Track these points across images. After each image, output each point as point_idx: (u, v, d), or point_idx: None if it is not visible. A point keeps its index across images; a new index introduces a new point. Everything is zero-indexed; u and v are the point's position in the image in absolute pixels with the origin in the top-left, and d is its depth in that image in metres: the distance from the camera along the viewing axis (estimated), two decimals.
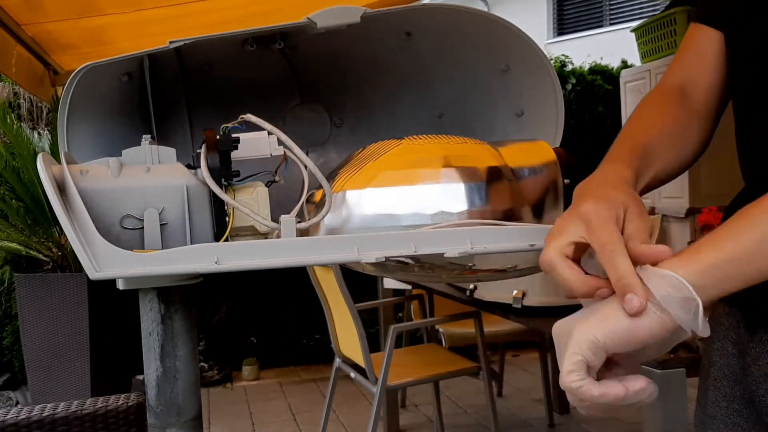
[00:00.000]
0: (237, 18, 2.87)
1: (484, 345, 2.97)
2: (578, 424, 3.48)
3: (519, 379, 4.22)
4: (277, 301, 4.74)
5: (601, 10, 10.96)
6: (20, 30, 2.59)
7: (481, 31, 1.09)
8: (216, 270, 0.74)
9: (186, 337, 0.85)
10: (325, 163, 1.21)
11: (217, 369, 4.55)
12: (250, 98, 1.17)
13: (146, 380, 0.86)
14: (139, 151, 0.84)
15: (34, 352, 3.91)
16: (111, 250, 0.72)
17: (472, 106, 1.19)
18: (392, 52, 1.15)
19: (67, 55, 3.08)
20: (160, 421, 0.84)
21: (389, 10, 1.01)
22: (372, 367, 2.71)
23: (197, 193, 0.82)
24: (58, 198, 0.74)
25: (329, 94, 1.22)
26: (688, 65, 0.95)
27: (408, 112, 1.22)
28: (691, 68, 0.94)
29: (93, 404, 1.39)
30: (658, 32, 4.43)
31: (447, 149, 0.94)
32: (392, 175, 0.91)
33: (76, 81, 0.92)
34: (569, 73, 5.69)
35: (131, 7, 2.65)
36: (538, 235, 0.81)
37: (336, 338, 3.00)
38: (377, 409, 2.70)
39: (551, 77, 1.09)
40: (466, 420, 3.66)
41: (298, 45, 1.12)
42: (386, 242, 0.79)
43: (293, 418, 3.80)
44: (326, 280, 2.86)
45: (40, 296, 3.88)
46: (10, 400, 4.22)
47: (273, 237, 0.84)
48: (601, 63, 5.97)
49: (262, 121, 0.84)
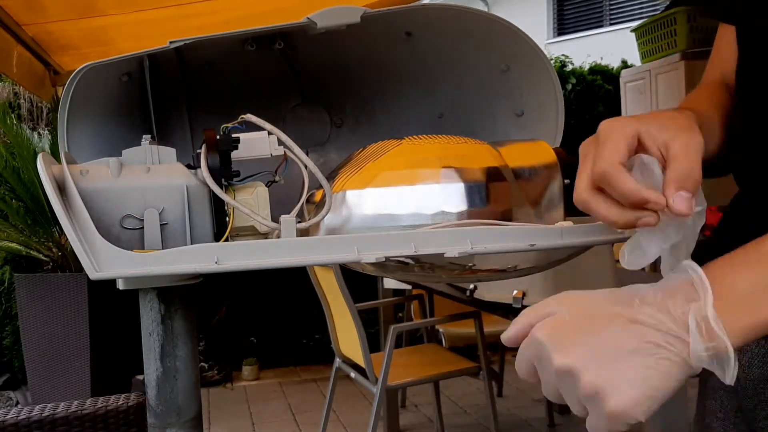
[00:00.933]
0: (237, 19, 2.87)
1: (484, 345, 2.97)
2: (578, 424, 3.48)
3: (519, 379, 4.21)
4: (277, 301, 4.74)
5: (601, 10, 10.97)
6: (20, 30, 2.59)
7: (481, 31, 1.09)
8: (216, 270, 0.74)
9: (186, 337, 0.85)
10: (325, 163, 1.21)
11: (217, 369, 4.55)
12: (250, 98, 1.17)
13: (146, 380, 0.86)
14: (139, 151, 0.84)
15: (34, 352, 3.91)
16: (111, 250, 0.72)
17: (472, 106, 1.19)
18: (392, 52, 1.15)
19: (67, 56, 3.08)
20: (160, 421, 0.84)
21: (389, 10, 1.01)
22: (372, 367, 2.71)
23: (197, 193, 0.82)
24: (58, 198, 0.74)
25: (329, 94, 1.22)
26: (725, 60, 0.93)
27: (408, 112, 1.22)
28: (728, 63, 0.92)
29: (93, 404, 1.39)
30: (658, 32, 4.43)
31: (447, 149, 0.94)
32: (392, 175, 0.91)
33: (76, 81, 0.92)
34: (569, 73, 5.70)
35: (131, 7, 2.65)
36: (538, 235, 0.81)
37: (336, 338, 3.01)
38: (377, 409, 2.70)
39: (551, 77, 1.09)
40: (466, 420, 3.66)
41: (298, 45, 1.12)
42: (386, 242, 0.79)
43: (293, 418, 3.80)
44: (326, 280, 2.86)
45: (40, 296, 3.88)
46: (10, 400, 4.23)
47: (273, 237, 0.84)
48: (601, 63, 5.98)
49: (262, 121, 0.84)
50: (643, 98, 4.61)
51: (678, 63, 4.22)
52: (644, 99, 4.59)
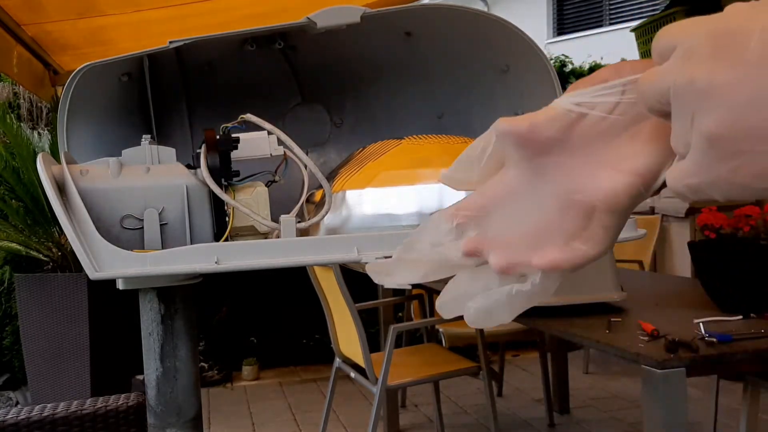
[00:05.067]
0: (237, 19, 2.87)
1: (484, 345, 2.97)
2: (578, 423, 3.48)
3: (519, 379, 4.22)
4: (277, 301, 4.73)
5: (601, 10, 10.96)
6: (20, 30, 2.59)
7: (481, 31, 1.09)
8: (216, 270, 0.74)
9: (186, 337, 0.85)
10: (325, 163, 1.21)
11: (217, 369, 4.55)
12: (250, 98, 1.17)
13: (146, 380, 0.86)
14: (139, 151, 0.84)
15: (34, 352, 3.90)
16: (111, 250, 0.72)
17: (472, 106, 1.19)
18: (392, 52, 1.15)
19: (67, 56, 3.08)
20: (160, 421, 0.84)
21: (389, 10, 1.01)
22: (372, 367, 2.71)
23: (197, 193, 0.82)
24: (58, 198, 0.74)
25: (329, 94, 1.22)
26: None
27: (408, 112, 1.22)
28: None
29: (93, 404, 1.39)
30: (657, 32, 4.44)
31: (447, 149, 0.94)
32: (392, 175, 0.91)
33: (76, 81, 0.92)
34: (569, 73, 5.70)
35: (131, 7, 2.65)
36: None
37: (336, 338, 3.00)
38: (377, 409, 2.70)
39: (551, 77, 1.09)
40: (466, 420, 3.66)
41: (298, 45, 1.12)
42: (386, 242, 0.79)
43: (293, 418, 3.79)
44: (326, 280, 2.86)
45: (40, 296, 3.88)
46: (10, 400, 4.22)
47: (273, 237, 0.84)
48: (601, 63, 5.98)
49: (262, 121, 0.84)
50: None
51: None
52: None
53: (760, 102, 0.28)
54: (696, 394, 3.33)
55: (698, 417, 3.17)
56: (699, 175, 0.31)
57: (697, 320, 1.80)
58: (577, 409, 3.64)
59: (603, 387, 3.97)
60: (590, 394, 3.85)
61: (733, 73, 0.29)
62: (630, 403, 3.63)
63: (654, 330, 1.70)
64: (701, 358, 1.58)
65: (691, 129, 0.31)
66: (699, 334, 1.68)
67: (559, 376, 3.56)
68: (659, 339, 1.67)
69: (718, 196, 0.31)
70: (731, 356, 1.61)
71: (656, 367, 1.55)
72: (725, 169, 0.30)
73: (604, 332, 1.79)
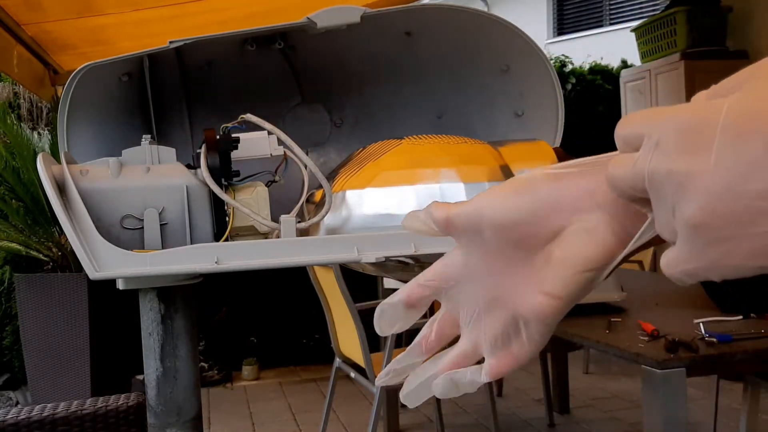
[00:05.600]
0: (237, 19, 2.87)
1: None
2: (578, 424, 3.48)
3: (519, 379, 4.22)
4: (277, 301, 4.73)
5: (601, 10, 10.96)
6: (20, 30, 2.59)
7: (481, 31, 1.09)
8: (216, 270, 0.74)
9: (186, 337, 0.85)
10: (325, 163, 1.21)
11: (217, 369, 4.55)
12: (250, 98, 1.17)
13: (146, 380, 0.86)
14: (139, 151, 0.84)
15: (34, 352, 3.90)
16: (111, 250, 0.72)
17: (472, 106, 1.19)
18: (392, 52, 1.15)
19: (67, 55, 3.08)
20: (160, 421, 0.84)
21: (389, 10, 1.01)
22: (372, 367, 2.71)
23: (197, 193, 0.82)
24: (58, 198, 0.74)
25: (329, 94, 1.22)
26: None
27: (408, 112, 1.22)
28: None
29: (93, 404, 1.39)
30: (658, 32, 4.43)
31: (447, 149, 0.93)
32: (392, 175, 0.91)
33: (76, 81, 0.92)
34: (569, 73, 5.70)
35: (131, 6, 2.65)
36: None
37: (336, 338, 3.00)
38: (377, 409, 2.70)
39: (551, 77, 1.09)
40: (466, 420, 3.66)
41: (298, 45, 1.12)
42: (386, 242, 0.79)
43: (293, 418, 3.79)
44: (326, 280, 2.86)
45: (40, 296, 3.88)
46: (10, 400, 4.22)
47: (273, 237, 0.84)
48: (601, 63, 5.98)
49: (262, 121, 0.84)
50: (642, 98, 4.61)
51: (678, 63, 4.22)
52: (644, 99, 4.60)
53: (736, 189, 0.29)
54: (696, 394, 3.33)
55: (698, 417, 3.17)
56: (692, 261, 0.31)
57: (697, 320, 1.80)
58: (577, 409, 3.64)
59: (603, 387, 3.97)
60: (590, 394, 3.85)
61: (705, 165, 0.30)
62: (630, 403, 3.63)
63: (654, 330, 1.70)
64: (701, 358, 1.58)
65: (673, 218, 0.32)
66: (699, 334, 1.68)
67: (559, 376, 3.56)
68: (659, 339, 1.67)
69: (716, 278, 0.31)
70: (731, 356, 1.61)
71: (656, 367, 1.55)
72: (717, 254, 0.30)
73: (604, 332, 1.79)
